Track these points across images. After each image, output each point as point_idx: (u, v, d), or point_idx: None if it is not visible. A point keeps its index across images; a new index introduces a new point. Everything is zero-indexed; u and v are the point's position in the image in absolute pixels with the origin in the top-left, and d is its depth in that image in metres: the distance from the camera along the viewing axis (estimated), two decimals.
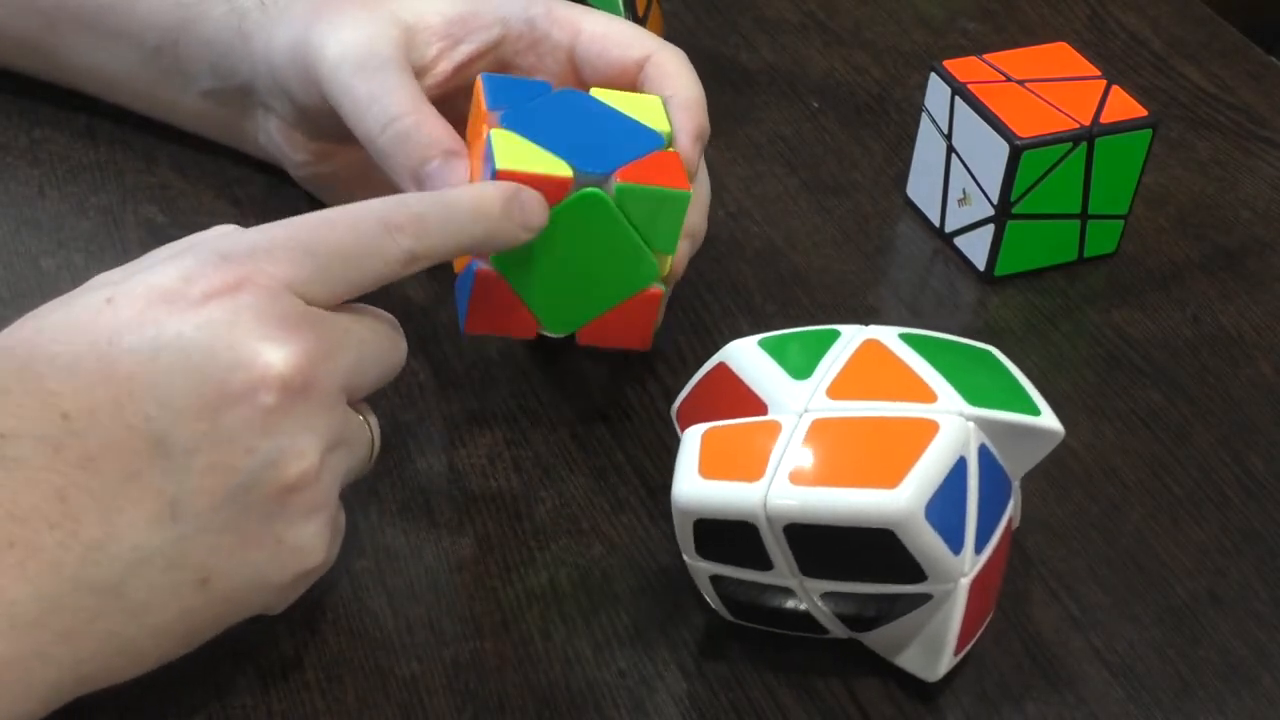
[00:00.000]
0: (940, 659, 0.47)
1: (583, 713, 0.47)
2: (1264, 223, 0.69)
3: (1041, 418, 0.47)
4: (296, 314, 0.44)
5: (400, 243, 0.46)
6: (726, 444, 0.46)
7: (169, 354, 0.42)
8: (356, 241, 0.46)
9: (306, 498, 0.44)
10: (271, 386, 0.43)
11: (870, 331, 0.49)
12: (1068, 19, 0.81)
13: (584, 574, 0.51)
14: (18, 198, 0.64)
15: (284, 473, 0.43)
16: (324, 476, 0.44)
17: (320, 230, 0.46)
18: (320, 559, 0.45)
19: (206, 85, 0.62)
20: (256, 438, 0.43)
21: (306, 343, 0.43)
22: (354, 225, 0.46)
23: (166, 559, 0.42)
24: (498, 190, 0.49)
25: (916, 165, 0.67)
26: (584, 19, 0.57)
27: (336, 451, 0.45)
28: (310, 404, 0.44)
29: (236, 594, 0.44)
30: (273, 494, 0.43)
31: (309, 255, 0.45)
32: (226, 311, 0.43)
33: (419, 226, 0.46)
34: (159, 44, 0.62)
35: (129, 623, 0.42)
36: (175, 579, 0.42)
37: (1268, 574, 0.53)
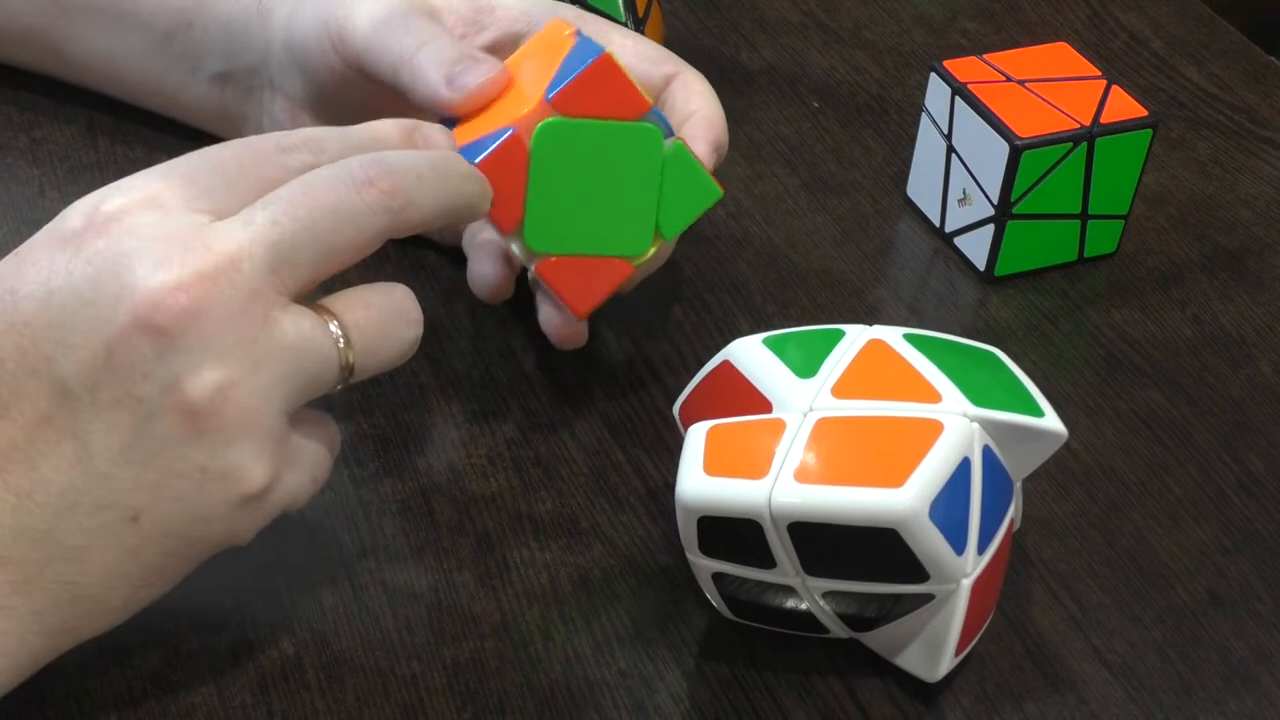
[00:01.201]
0: (941, 660, 0.47)
1: (583, 713, 0.47)
2: (1264, 223, 0.69)
3: (1045, 419, 0.47)
4: (188, 228, 0.42)
5: (297, 156, 0.45)
6: (731, 441, 0.46)
7: (61, 294, 0.42)
8: (251, 154, 0.45)
9: (221, 421, 0.42)
10: (155, 308, 0.41)
11: (875, 331, 0.49)
12: (1068, 19, 0.81)
13: (584, 574, 0.51)
14: (18, 198, 0.64)
15: (185, 396, 0.41)
16: (239, 395, 0.42)
17: (214, 151, 0.45)
18: (260, 482, 0.43)
19: (216, 69, 0.62)
20: (151, 363, 0.41)
21: (194, 258, 0.42)
22: (247, 143, 0.45)
23: (92, 500, 0.42)
24: (396, 123, 0.48)
25: (916, 165, 0.67)
26: (613, 34, 0.57)
27: (260, 369, 0.42)
28: (206, 321, 0.41)
29: (175, 527, 0.43)
30: (180, 419, 0.42)
31: (205, 171, 0.44)
32: (114, 240, 0.42)
33: (315, 143, 0.46)
34: (172, 27, 0.62)
35: (76, 569, 0.42)
36: (105, 519, 0.42)
37: (1268, 574, 0.53)
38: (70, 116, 0.67)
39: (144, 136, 0.67)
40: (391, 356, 0.46)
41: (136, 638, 0.48)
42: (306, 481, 0.45)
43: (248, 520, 0.44)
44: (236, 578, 0.50)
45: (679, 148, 0.52)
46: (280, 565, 0.51)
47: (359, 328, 0.45)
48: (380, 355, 0.46)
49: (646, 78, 0.56)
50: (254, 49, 0.60)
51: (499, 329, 0.59)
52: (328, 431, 0.47)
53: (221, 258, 0.42)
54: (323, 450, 0.46)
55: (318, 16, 0.57)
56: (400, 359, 0.47)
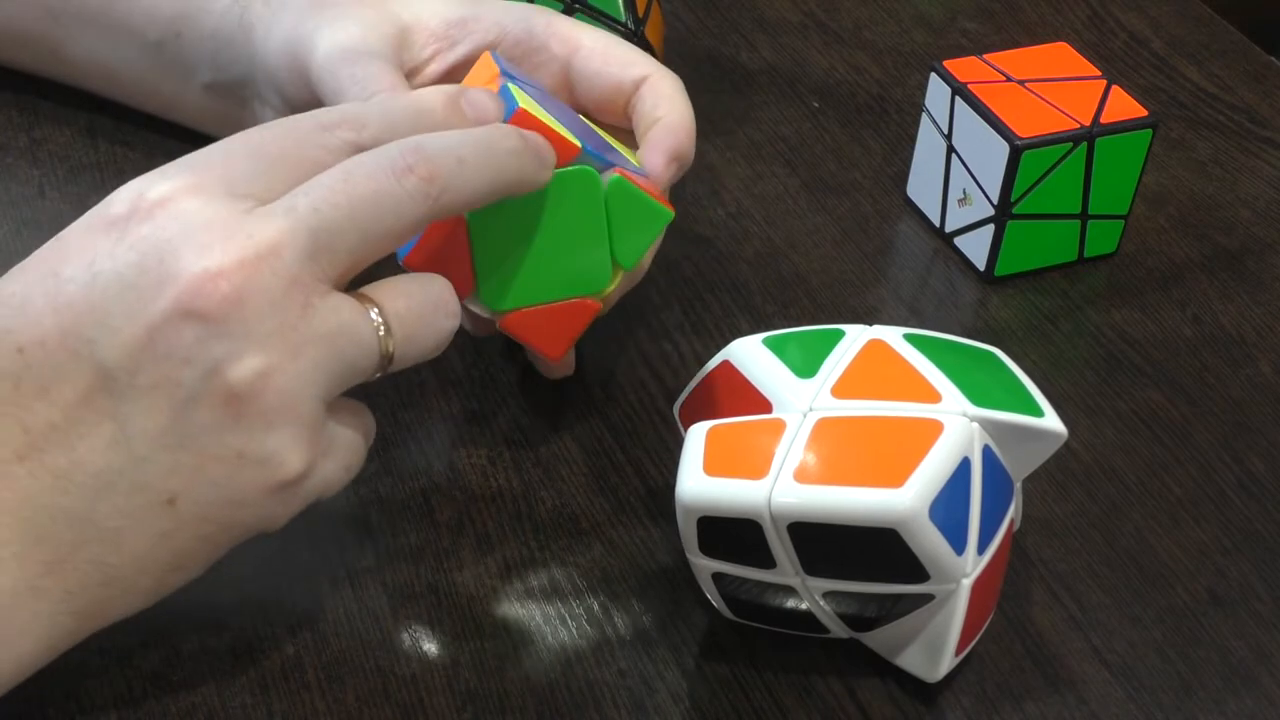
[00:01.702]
0: (941, 660, 0.47)
1: (583, 713, 0.47)
2: (1264, 223, 0.69)
3: (1045, 419, 0.47)
4: (230, 214, 0.42)
5: (339, 135, 0.45)
6: (731, 441, 0.46)
7: (105, 277, 0.42)
8: (293, 138, 0.45)
9: (260, 406, 0.42)
10: (198, 294, 0.41)
11: (875, 331, 0.49)
12: (1068, 19, 0.81)
13: (584, 574, 0.51)
14: (18, 198, 0.64)
15: (226, 381, 0.42)
16: (279, 381, 0.42)
17: (254, 135, 0.45)
18: (297, 468, 0.43)
19: (207, 78, 0.62)
20: (192, 348, 0.41)
21: (236, 245, 0.42)
22: (288, 125, 0.45)
23: (129, 482, 0.42)
24: (441, 91, 0.48)
25: (916, 165, 0.67)
26: (584, 35, 0.57)
27: (300, 356, 0.43)
28: (248, 308, 0.42)
29: (210, 512, 0.43)
30: (219, 404, 0.42)
31: (244, 157, 0.44)
32: (158, 226, 0.42)
33: (356, 120, 0.46)
34: (161, 37, 0.62)
35: (109, 551, 0.42)
36: (141, 501, 0.42)
37: (1268, 574, 0.53)
38: (70, 117, 0.67)
39: (144, 137, 0.67)
40: (429, 346, 0.46)
41: (136, 638, 0.48)
42: (341, 470, 0.46)
43: (282, 507, 0.44)
44: (236, 578, 0.50)
45: (617, 181, 0.51)
46: (280, 565, 0.51)
47: (399, 316, 0.45)
48: (419, 344, 0.46)
49: (615, 82, 0.56)
50: (240, 62, 0.60)
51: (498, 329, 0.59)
52: (363, 420, 0.47)
53: (263, 245, 0.42)
54: (358, 439, 0.46)
55: (285, 43, 0.58)
56: (437, 350, 0.47)
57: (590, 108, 0.57)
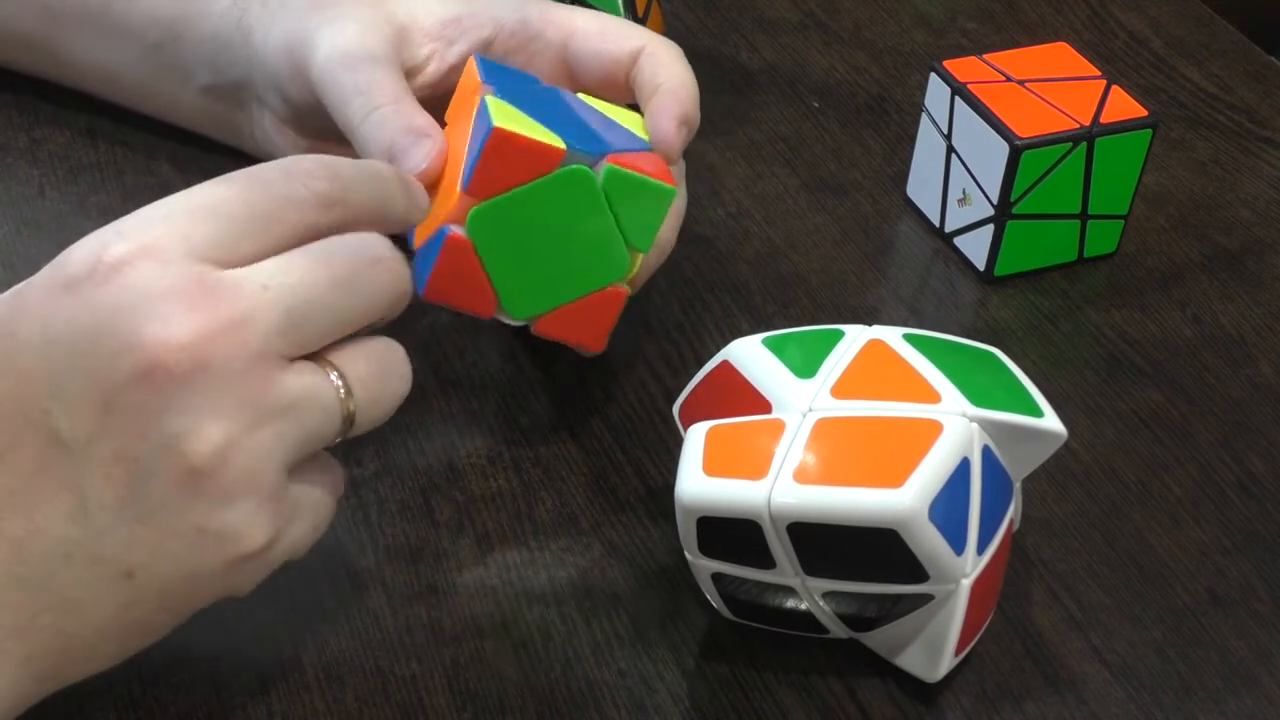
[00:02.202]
0: (941, 660, 0.47)
1: (583, 713, 0.47)
2: (1264, 223, 0.69)
3: (1044, 419, 0.47)
4: (191, 283, 0.41)
5: (306, 184, 0.44)
6: (731, 442, 0.46)
7: (60, 343, 0.41)
8: (264, 192, 0.43)
9: (219, 481, 0.41)
10: (157, 367, 0.40)
11: (874, 331, 0.49)
12: (1068, 19, 0.81)
13: (584, 574, 0.51)
14: (18, 198, 0.64)
15: (184, 458, 0.40)
16: (238, 458, 0.41)
17: (220, 189, 0.43)
18: (260, 541, 0.42)
19: (206, 81, 0.62)
20: (150, 422, 0.40)
21: (201, 317, 0.40)
22: (256, 176, 0.44)
23: (87, 554, 0.41)
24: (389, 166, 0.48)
25: (916, 165, 0.67)
26: (578, 18, 0.57)
27: (262, 428, 0.41)
28: (209, 381, 0.40)
29: (171, 586, 0.42)
30: (178, 479, 0.40)
31: (210, 215, 0.42)
32: (116, 291, 0.40)
33: (325, 171, 0.44)
34: (160, 39, 0.62)
35: (69, 619, 0.41)
36: (100, 573, 0.41)
37: (1268, 574, 0.53)
38: (70, 118, 0.67)
39: (143, 138, 0.67)
40: (388, 410, 0.45)
41: None
42: (308, 531, 0.45)
43: (247, 577, 0.43)
44: None
45: (611, 171, 0.50)
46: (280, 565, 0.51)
47: (360, 380, 0.44)
48: (380, 408, 0.45)
49: (612, 57, 0.56)
50: (239, 65, 0.60)
51: (499, 329, 0.59)
52: (331, 476, 0.46)
53: (228, 318, 0.41)
54: (325, 496, 0.45)
55: (285, 44, 0.57)
56: (392, 413, 0.46)
57: (592, 88, 0.57)
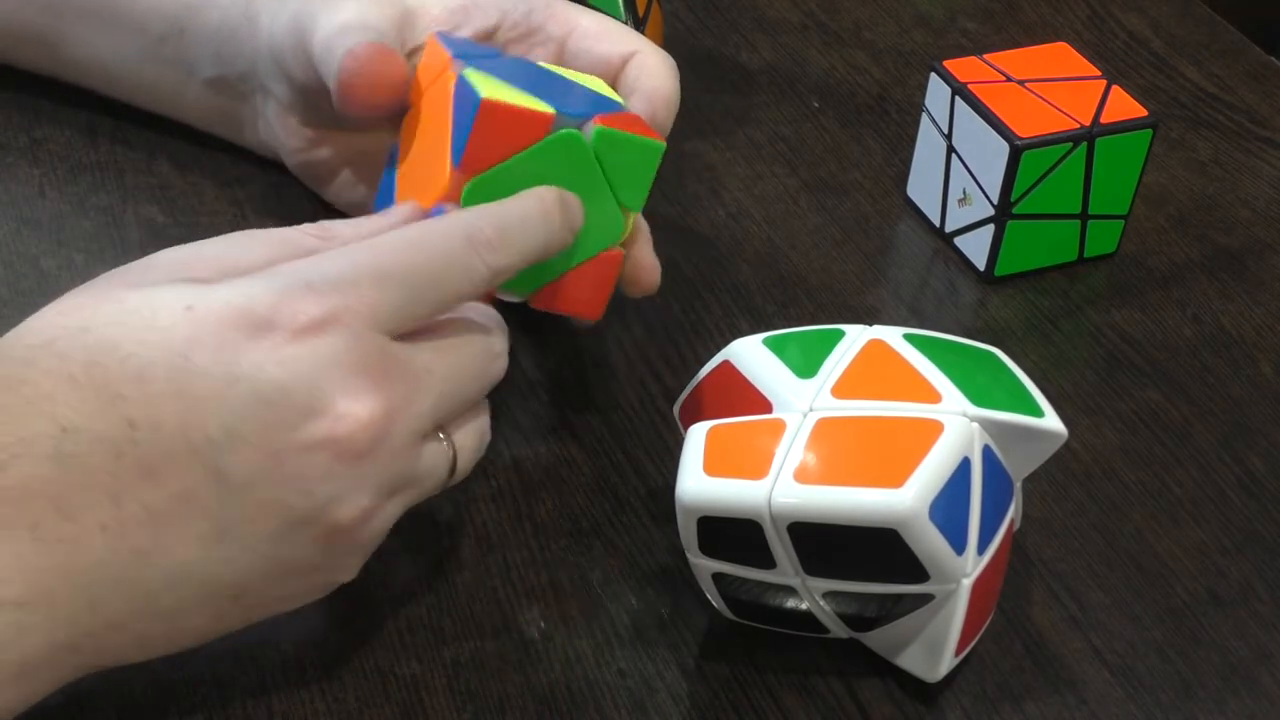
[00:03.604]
0: (941, 660, 0.47)
1: (583, 713, 0.47)
2: (1264, 223, 0.69)
3: (1045, 419, 0.47)
4: (379, 360, 0.43)
5: (486, 259, 0.46)
6: (731, 441, 0.46)
7: (245, 386, 0.42)
8: (445, 264, 0.46)
9: (352, 538, 0.44)
10: (340, 440, 0.43)
11: (875, 331, 0.49)
12: (1068, 19, 0.81)
13: (584, 574, 0.51)
14: (18, 198, 0.64)
15: (335, 519, 0.43)
16: (376, 521, 0.45)
17: (406, 254, 0.45)
18: (349, 578, 0.46)
19: (210, 73, 0.62)
20: (315, 483, 0.43)
21: (383, 397, 0.43)
22: (441, 247, 0.46)
23: (206, 577, 0.42)
24: (552, 193, 0.49)
25: (916, 165, 0.67)
26: (581, 17, 0.57)
27: (398, 495, 0.45)
28: (377, 458, 0.44)
29: (264, 607, 0.45)
30: (320, 533, 0.44)
31: (397, 285, 0.44)
32: (309, 352, 0.42)
33: (502, 240, 0.47)
34: (165, 32, 0.62)
35: (156, 626, 0.43)
36: (210, 593, 0.43)
37: (1268, 574, 0.53)
38: (70, 116, 0.67)
39: (144, 137, 0.67)
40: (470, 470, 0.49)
41: None
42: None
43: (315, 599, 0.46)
44: None
45: (600, 132, 0.50)
46: None
47: (465, 451, 0.48)
48: (467, 471, 0.48)
49: (605, 58, 0.56)
50: (244, 55, 0.60)
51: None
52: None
53: (400, 400, 0.44)
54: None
55: (292, 25, 0.57)
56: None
57: None
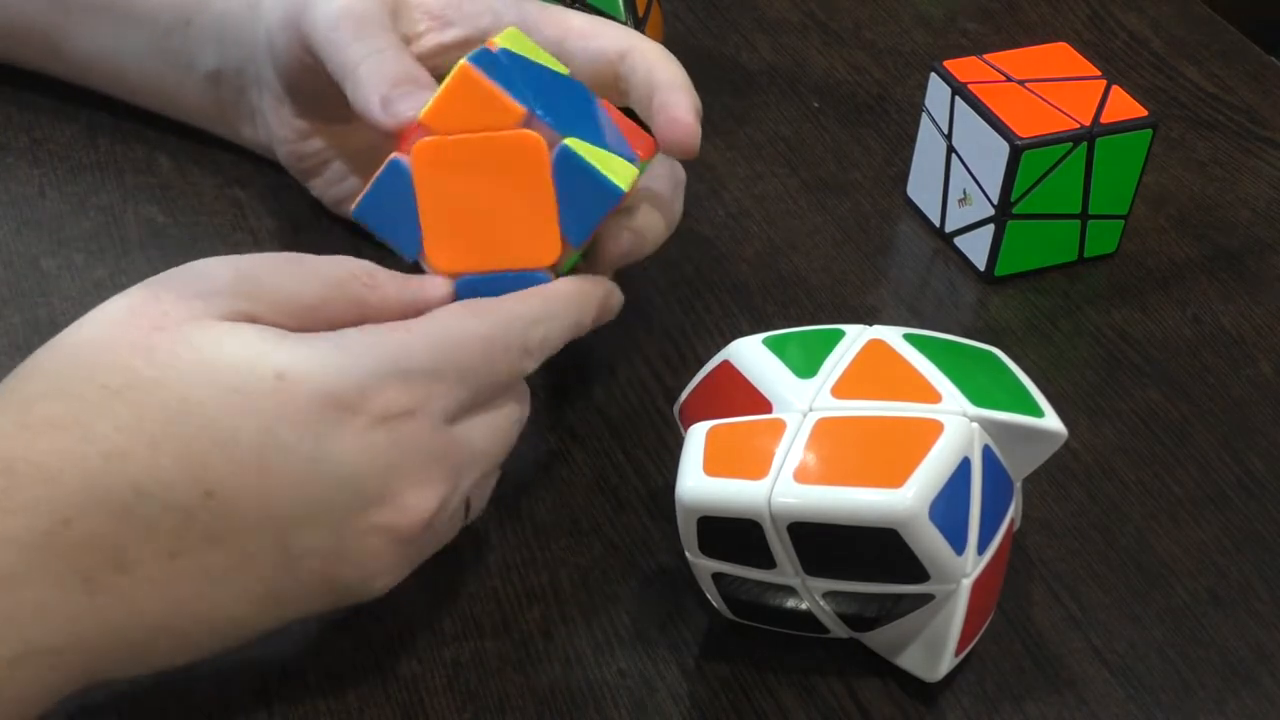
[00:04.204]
0: (941, 659, 0.47)
1: (583, 713, 0.47)
2: (1264, 223, 0.69)
3: (1045, 419, 0.47)
4: (446, 451, 0.45)
5: (526, 364, 0.48)
6: (731, 441, 0.46)
7: (326, 468, 0.43)
8: (505, 365, 0.47)
9: (371, 591, 0.46)
10: (401, 529, 0.44)
11: (874, 331, 0.49)
12: (1068, 19, 0.81)
13: (584, 574, 0.51)
14: (18, 198, 0.64)
15: (372, 590, 0.45)
16: (393, 580, 0.46)
17: (475, 353, 0.46)
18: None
19: (211, 65, 0.62)
20: (368, 562, 0.44)
21: (445, 485, 0.45)
22: (503, 351, 0.47)
23: (227, 620, 0.43)
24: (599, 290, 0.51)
25: (916, 165, 0.67)
26: (573, 18, 0.57)
27: (421, 556, 0.47)
28: (426, 540, 0.46)
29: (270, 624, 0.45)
30: (354, 599, 0.46)
31: (463, 382, 0.46)
32: (390, 442, 0.43)
33: (544, 346, 0.48)
34: (171, 24, 0.62)
35: (169, 651, 0.43)
36: (239, 635, 0.44)
37: (1268, 574, 0.53)
38: (70, 116, 0.67)
39: (144, 136, 0.67)
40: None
41: None
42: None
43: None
44: None
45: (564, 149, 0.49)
46: None
47: (475, 510, 0.49)
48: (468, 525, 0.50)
49: (602, 56, 0.55)
50: (245, 44, 0.61)
51: None
52: None
53: (456, 483, 0.46)
54: None
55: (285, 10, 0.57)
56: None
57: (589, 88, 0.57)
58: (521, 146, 0.49)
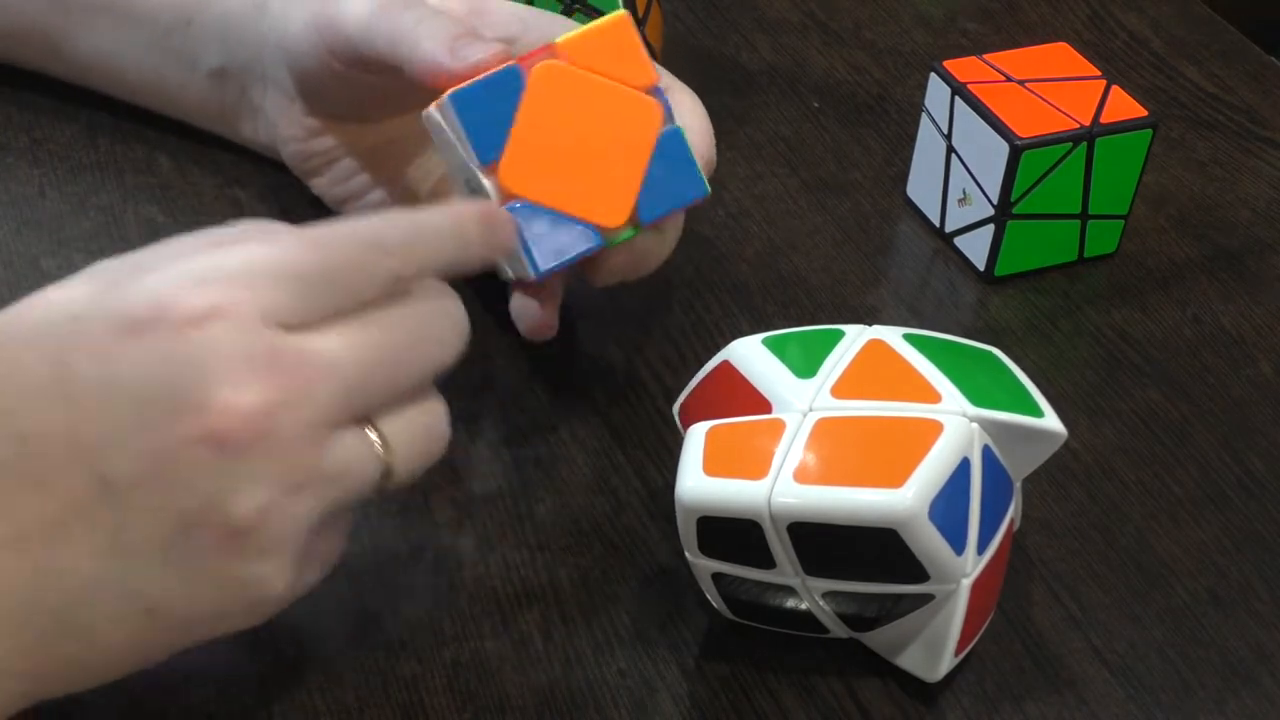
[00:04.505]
0: (941, 659, 0.47)
1: (583, 713, 0.47)
2: (1264, 223, 0.69)
3: (1044, 419, 0.47)
4: (266, 351, 0.41)
5: (387, 265, 0.44)
6: (731, 441, 0.46)
7: (124, 388, 0.40)
8: (345, 263, 0.44)
9: (256, 541, 0.42)
10: (221, 433, 0.40)
11: (874, 331, 0.49)
12: (1068, 19, 0.81)
13: (584, 574, 0.51)
14: (18, 198, 0.64)
15: (226, 514, 0.41)
16: (278, 520, 0.42)
17: (307, 252, 0.43)
18: (280, 590, 0.43)
19: (213, 64, 0.62)
20: (201, 480, 0.41)
21: (269, 387, 0.41)
22: (343, 248, 0.44)
23: (114, 590, 0.41)
24: (473, 210, 0.48)
25: (916, 165, 0.67)
26: None
27: (303, 493, 0.42)
28: (266, 450, 0.41)
29: (188, 624, 0.43)
30: (216, 535, 0.41)
31: (294, 279, 0.43)
32: (190, 346, 0.41)
33: (406, 249, 0.45)
34: (171, 23, 0.62)
35: (83, 646, 0.42)
36: (121, 609, 0.42)
37: (1268, 574, 0.53)
38: (70, 116, 0.67)
39: (144, 136, 0.67)
40: (419, 472, 0.46)
41: None
42: (318, 575, 0.45)
43: (259, 618, 0.44)
44: None
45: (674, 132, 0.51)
46: None
47: (401, 445, 0.45)
48: (413, 469, 0.46)
49: None
50: (249, 44, 0.60)
51: (499, 329, 0.59)
52: (345, 520, 0.46)
53: (292, 391, 0.41)
54: (339, 542, 0.46)
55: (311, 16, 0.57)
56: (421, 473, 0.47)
57: None
58: (642, 108, 0.51)
